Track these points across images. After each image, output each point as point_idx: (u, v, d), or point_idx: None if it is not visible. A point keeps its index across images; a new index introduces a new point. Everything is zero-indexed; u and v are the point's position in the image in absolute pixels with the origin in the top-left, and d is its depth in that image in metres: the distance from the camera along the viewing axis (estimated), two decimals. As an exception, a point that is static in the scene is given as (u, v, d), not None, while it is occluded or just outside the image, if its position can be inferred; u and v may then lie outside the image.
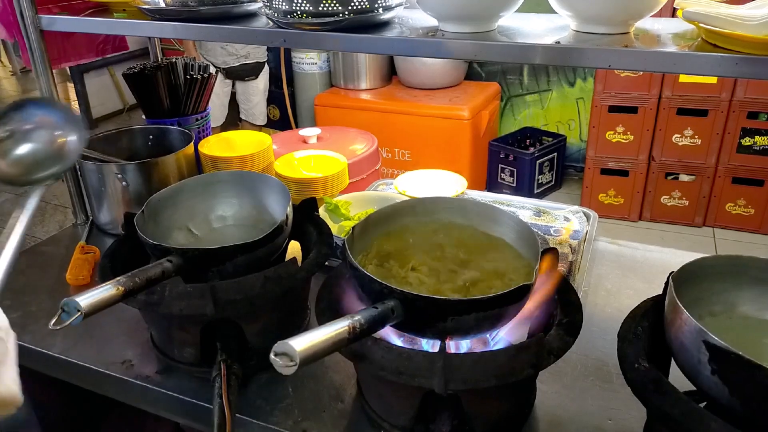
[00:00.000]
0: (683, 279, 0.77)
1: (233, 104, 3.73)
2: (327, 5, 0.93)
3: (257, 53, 3.55)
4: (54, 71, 1.35)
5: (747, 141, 3.09)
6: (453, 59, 3.58)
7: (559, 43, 0.83)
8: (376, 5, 0.94)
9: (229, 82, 3.56)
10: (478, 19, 0.90)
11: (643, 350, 0.75)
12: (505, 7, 0.89)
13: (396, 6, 0.98)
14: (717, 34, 0.75)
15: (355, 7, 0.93)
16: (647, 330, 0.78)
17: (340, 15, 0.92)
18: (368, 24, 0.95)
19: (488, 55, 0.88)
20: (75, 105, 5.04)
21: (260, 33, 1.02)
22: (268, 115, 3.96)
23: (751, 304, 0.82)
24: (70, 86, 5.08)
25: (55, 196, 3.72)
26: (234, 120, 3.78)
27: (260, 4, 1.08)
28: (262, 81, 3.68)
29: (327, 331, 0.65)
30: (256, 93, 3.67)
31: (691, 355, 0.68)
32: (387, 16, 0.96)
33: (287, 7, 0.95)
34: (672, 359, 0.76)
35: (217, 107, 3.51)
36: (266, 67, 3.68)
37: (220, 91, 3.50)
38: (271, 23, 1.00)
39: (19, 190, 0.91)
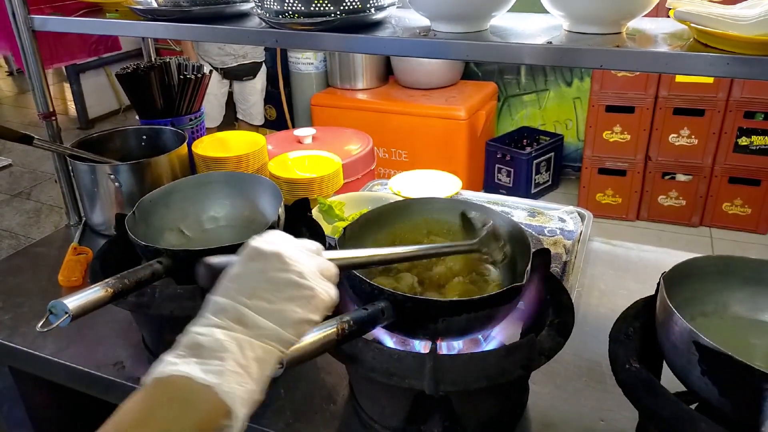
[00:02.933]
0: (675, 279, 0.77)
1: (230, 104, 3.72)
2: (319, 5, 0.92)
3: (255, 53, 3.54)
4: (50, 71, 1.35)
5: (744, 141, 3.09)
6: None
7: (551, 43, 0.83)
8: (368, 5, 0.94)
9: (226, 82, 3.55)
10: (471, 19, 0.90)
11: (634, 351, 0.75)
12: (497, 7, 0.89)
13: (388, 6, 0.98)
14: (709, 34, 0.75)
15: (347, 7, 0.93)
16: (639, 331, 0.78)
17: (332, 15, 0.92)
18: (360, 24, 0.95)
19: (480, 56, 0.88)
20: (71, 105, 5.04)
21: (252, 33, 1.01)
22: (264, 116, 3.96)
23: (742, 305, 0.82)
24: (66, 86, 5.07)
25: (50, 197, 3.72)
26: (230, 120, 3.77)
27: (252, 5, 1.07)
28: (260, 81, 3.67)
29: (315, 332, 0.65)
30: (253, 93, 3.66)
31: (681, 356, 0.69)
32: (379, 16, 0.96)
33: (279, 7, 0.94)
34: (663, 360, 0.76)
35: (214, 108, 3.50)
36: (263, 67, 3.68)
37: (218, 91, 3.49)
38: (264, 23, 1.00)
39: (15, 190, 0.90)
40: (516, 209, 1.38)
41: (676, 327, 0.69)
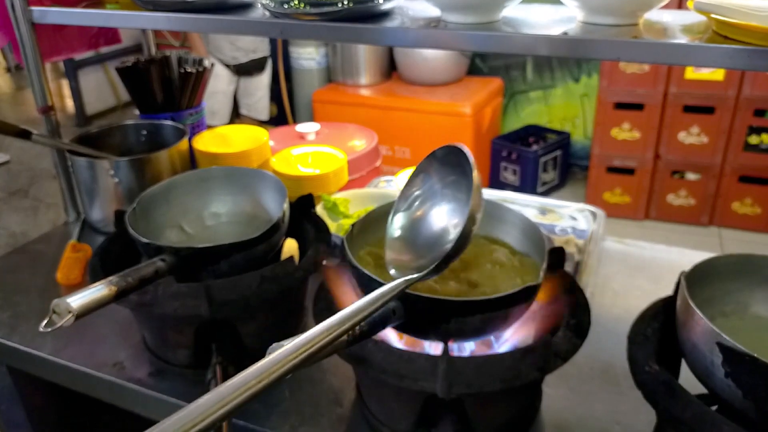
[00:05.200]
0: (694, 279, 0.74)
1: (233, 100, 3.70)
2: (325, -5, 0.90)
3: (263, 47, 3.51)
4: (48, 67, 1.33)
5: (754, 139, 3.05)
6: (454, 53, 3.54)
7: (566, 34, 0.80)
8: (376, -5, 0.91)
9: (235, 79, 3.51)
10: (482, 9, 0.87)
11: (653, 352, 0.73)
12: (509, -3, 0.87)
13: (397, -4, 0.95)
14: (729, 25, 0.72)
15: (354, -3, 0.90)
16: (657, 331, 0.76)
17: (339, 5, 0.90)
18: (368, 14, 0.92)
19: (493, 47, 0.85)
20: (69, 101, 5.03)
21: (256, 24, 0.99)
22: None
23: (763, 304, 0.80)
24: (64, 82, 5.06)
25: (49, 194, 3.70)
26: (232, 117, 3.74)
27: (256, -5, 1.05)
28: (267, 75, 3.64)
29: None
30: (260, 87, 3.63)
31: (703, 357, 0.66)
32: (387, 6, 0.93)
33: (284, -4, 0.92)
34: (682, 361, 0.74)
35: (224, 105, 3.45)
36: (269, 61, 3.65)
37: (227, 88, 3.44)
38: (268, 14, 0.98)
39: (13, 188, 0.87)
40: (526, 207, 1.35)
41: (698, 328, 0.66)
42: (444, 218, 0.76)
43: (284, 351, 0.52)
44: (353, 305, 0.62)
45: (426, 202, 0.78)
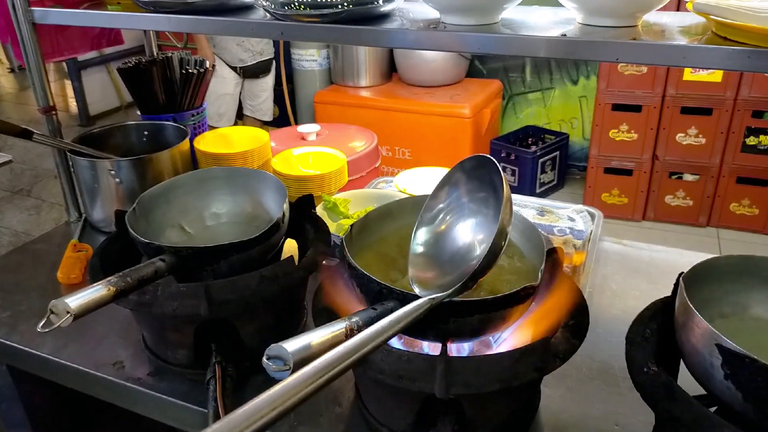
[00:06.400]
0: (693, 280, 0.74)
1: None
2: (325, -4, 0.90)
3: (269, 49, 3.50)
4: (51, 68, 1.33)
5: (752, 140, 3.06)
6: (454, 55, 3.55)
7: (565, 35, 0.81)
8: (376, -4, 0.91)
9: (240, 81, 3.50)
10: (481, 11, 0.87)
11: (652, 353, 0.72)
12: (508, -1, 0.87)
13: (396, -3, 0.95)
14: (728, 26, 0.73)
15: (354, -1, 0.90)
16: (656, 332, 0.76)
17: (339, 6, 0.90)
18: (368, 16, 0.92)
19: (492, 48, 0.86)
20: (72, 102, 5.03)
21: (257, 25, 0.99)
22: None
23: (762, 306, 0.79)
24: (68, 83, 5.06)
25: (51, 194, 3.70)
26: (237, 117, 3.74)
27: (257, -4, 1.05)
28: (271, 77, 3.64)
29: (323, 333, 0.62)
30: (265, 89, 3.62)
31: (702, 359, 0.66)
32: (387, 8, 0.94)
33: (284, -2, 0.92)
34: (681, 362, 0.74)
35: (231, 108, 3.44)
36: (274, 63, 3.65)
37: (234, 91, 3.43)
38: (269, 15, 0.98)
39: (16, 187, 0.87)
40: (524, 208, 1.35)
41: (697, 329, 0.66)
42: (469, 233, 0.75)
43: (309, 369, 0.52)
44: (378, 324, 0.61)
45: (451, 215, 0.77)
